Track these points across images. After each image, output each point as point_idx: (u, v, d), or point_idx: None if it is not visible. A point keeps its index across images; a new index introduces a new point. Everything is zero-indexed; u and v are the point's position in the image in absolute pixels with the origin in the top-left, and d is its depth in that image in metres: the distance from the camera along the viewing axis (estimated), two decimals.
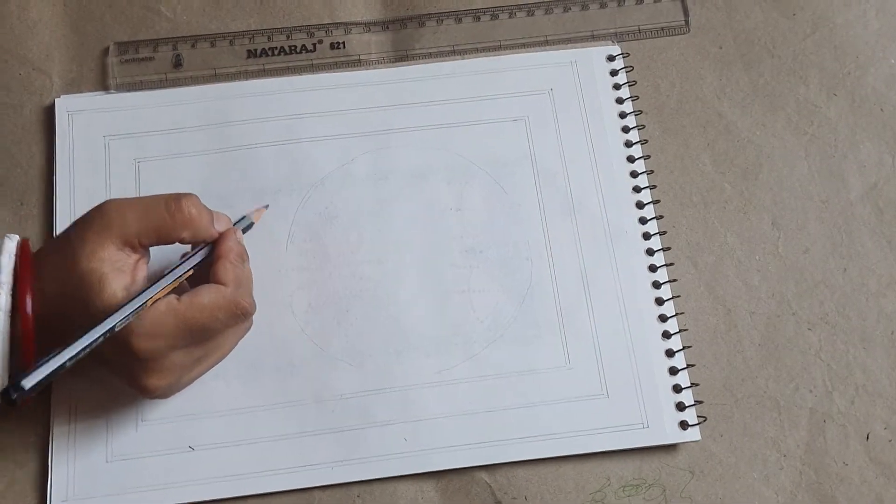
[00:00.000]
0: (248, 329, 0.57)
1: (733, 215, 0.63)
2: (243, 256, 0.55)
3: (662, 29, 0.68)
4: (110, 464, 0.56)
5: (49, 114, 0.64)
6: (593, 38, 0.68)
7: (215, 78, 0.66)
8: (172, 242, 0.52)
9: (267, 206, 0.62)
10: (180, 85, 0.65)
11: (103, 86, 0.65)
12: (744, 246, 0.63)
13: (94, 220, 0.51)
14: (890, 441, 0.59)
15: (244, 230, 0.58)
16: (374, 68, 0.66)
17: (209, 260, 0.54)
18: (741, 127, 0.66)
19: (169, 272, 0.52)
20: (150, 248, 0.53)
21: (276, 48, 0.67)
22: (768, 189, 0.64)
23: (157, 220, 0.51)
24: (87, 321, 0.48)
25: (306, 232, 0.62)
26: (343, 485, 0.57)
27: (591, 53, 0.67)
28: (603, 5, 0.68)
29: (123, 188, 0.62)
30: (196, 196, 0.53)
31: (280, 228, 0.62)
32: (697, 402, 0.59)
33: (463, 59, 0.67)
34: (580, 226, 0.63)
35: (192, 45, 0.66)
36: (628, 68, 0.66)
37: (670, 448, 0.58)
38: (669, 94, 0.66)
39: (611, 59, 0.67)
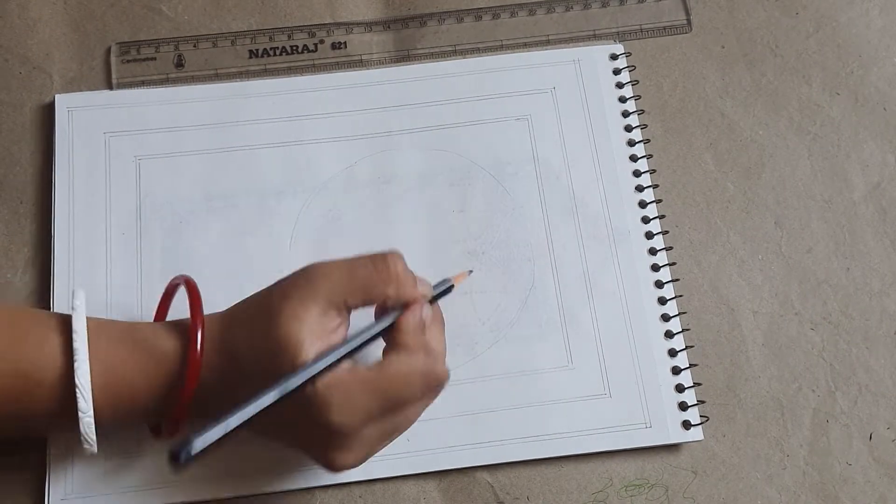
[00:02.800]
0: (436, 398, 0.52)
1: (736, 215, 0.63)
2: (438, 322, 0.53)
3: (664, 28, 0.68)
4: (109, 463, 0.56)
5: (48, 113, 0.64)
6: (595, 37, 0.67)
7: (217, 78, 0.66)
8: (378, 301, 0.50)
9: (471, 272, 0.60)
10: (182, 84, 0.65)
11: (104, 85, 0.65)
12: (746, 245, 0.63)
13: (298, 281, 0.49)
14: (893, 441, 0.59)
15: (444, 292, 0.55)
16: (376, 68, 0.66)
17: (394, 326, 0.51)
18: (744, 126, 0.65)
19: (356, 336, 0.49)
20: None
21: (277, 48, 0.67)
22: (771, 188, 0.64)
23: (364, 276, 0.50)
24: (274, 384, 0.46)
25: (310, 234, 0.62)
26: (345, 484, 0.57)
27: (594, 52, 0.67)
28: (604, 4, 0.68)
29: (124, 186, 0.62)
30: (401, 253, 0.51)
31: (283, 230, 0.62)
32: (700, 402, 0.59)
33: (464, 58, 0.67)
34: (582, 225, 0.62)
35: (194, 45, 0.66)
36: (631, 67, 0.66)
37: (673, 448, 0.58)
38: (672, 93, 0.66)
39: (613, 57, 0.67)
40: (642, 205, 0.63)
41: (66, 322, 0.50)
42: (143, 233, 0.61)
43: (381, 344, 0.51)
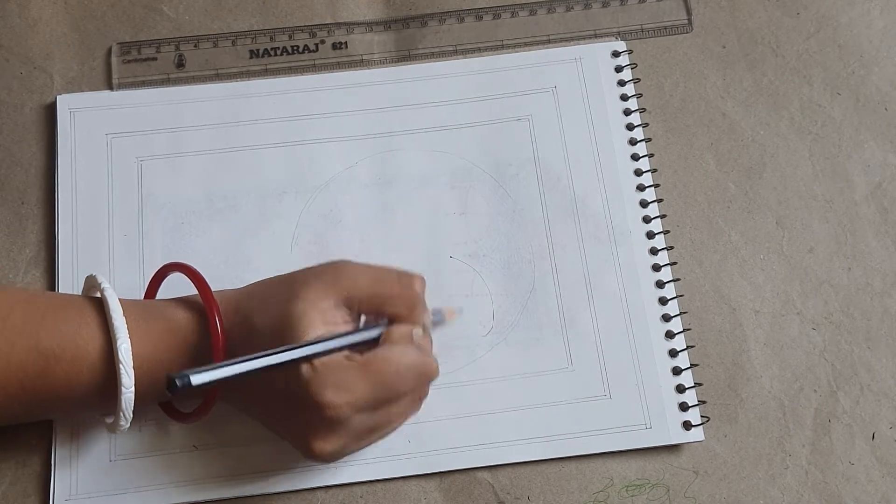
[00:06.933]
0: (417, 411, 0.54)
1: (737, 214, 0.63)
2: (427, 340, 0.54)
3: (665, 28, 0.68)
4: (113, 463, 0.56)
5: (50, 113, 0.64)
6: (596, 36, 0.67)
7: (217, 78, 0.66)
8: (386, 315, 0.52)
9: (462, 310, 0.60)
10: (183, 85, 0.65)
11: (104, 85, 0.65)
12: (748, 245, 0.63)
13: (325, 272, 0.52)
14: None
15: (436, 322, 0.57)
16: (377, 68, 0.66)
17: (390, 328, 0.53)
18: (745, 126, 0.65)
19: (357, 332, 0.51)
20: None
21: (278, 48, 0.67)
22: (772, 188, 0.64)
23: (387, 290, 0.52)
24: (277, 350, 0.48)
25: (311, 234, 0.62)
26: (346, 485, 0.57)
27: (596, 49, 0.67)
28: (605, 4, 0.68)
29: (125, 187, 0.62)
30: (424, 280, 0.54)
31: (284, 230, 0.62)
32: (701, 402, 0.59)
33: (465, 58, 0.67)
34: (583, 226, 0.62)
35: (195, 46, 0.66)
36: (632, 65, 0.66)
37: (674, 448, 0.58)
38: (673, 92, 0.66)
39: (615, 55, 0.67)
40: (643, 204, 0.63)
41: (85, 301, 0.51)
42: (144, 234, 0.61)
43: None
